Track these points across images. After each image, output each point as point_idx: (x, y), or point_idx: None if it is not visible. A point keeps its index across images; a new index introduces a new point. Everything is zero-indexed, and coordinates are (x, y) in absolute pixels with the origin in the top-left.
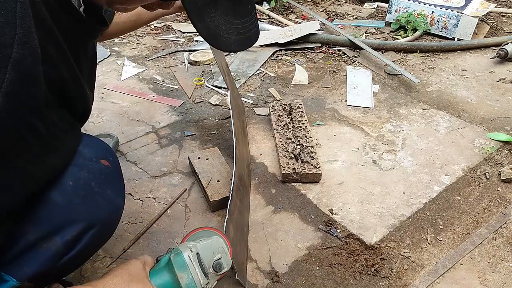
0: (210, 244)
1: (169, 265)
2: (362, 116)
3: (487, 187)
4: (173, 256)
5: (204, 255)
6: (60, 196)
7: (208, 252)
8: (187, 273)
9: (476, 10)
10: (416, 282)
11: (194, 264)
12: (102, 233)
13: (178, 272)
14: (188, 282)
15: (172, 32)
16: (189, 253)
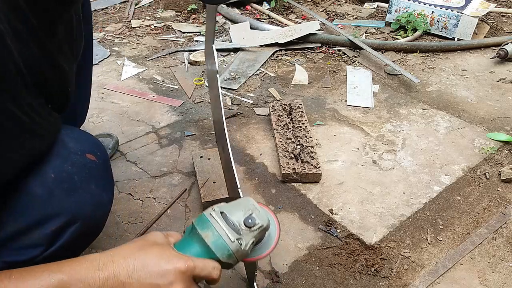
0: (238, 203)
1: (193, 230)
2: (362, 116)
3: (487, 187)
4: (195, 220)
5: (230, 213)
6: (41, 188)
7: (235, 210)
8: (212, 230)
9: (476, 10)
10: (416, 282)
11: (218, 220)
12: (86, 229)
13: (202, 231)
14: (215, 239)
15: (172, 32)
16: (211, 211)
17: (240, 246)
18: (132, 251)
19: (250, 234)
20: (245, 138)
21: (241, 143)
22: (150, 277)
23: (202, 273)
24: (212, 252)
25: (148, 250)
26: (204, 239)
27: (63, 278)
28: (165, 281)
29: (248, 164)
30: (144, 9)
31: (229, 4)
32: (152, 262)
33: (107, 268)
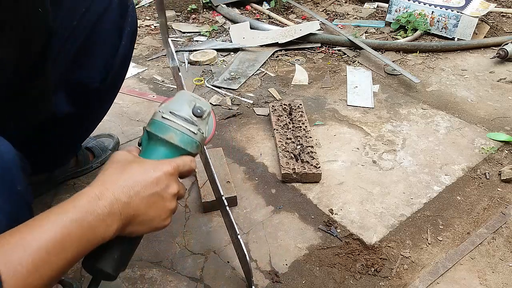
0: (177, 98)
1: (152, 137)
2: (362, 116)
3: (487, 187)
4: (149, 127)
5: (178, 110)
6: None
7: (180, 106)
8: (173, 131)
9: (476, 10)
10: (416, 282)
11: (174, 120)
12: None
13: (164, 135)
14: (180, 137)
15: (172, 32)
16: (162, 114)
17: (202, 134)
18: (117, 174)
19: (203, 122)
20: (245, 138)
21: (241, 143)
22: (147, 189)
23: (185, 168)
24: (182, 149)
25: (129, 169)
26: (170, 141)
27: (72, 216)
28: (162, 186)
29: (248, 164)
30: (144, 9)
31: (229, 4)
32: (141, 176)
33: (106, 196)
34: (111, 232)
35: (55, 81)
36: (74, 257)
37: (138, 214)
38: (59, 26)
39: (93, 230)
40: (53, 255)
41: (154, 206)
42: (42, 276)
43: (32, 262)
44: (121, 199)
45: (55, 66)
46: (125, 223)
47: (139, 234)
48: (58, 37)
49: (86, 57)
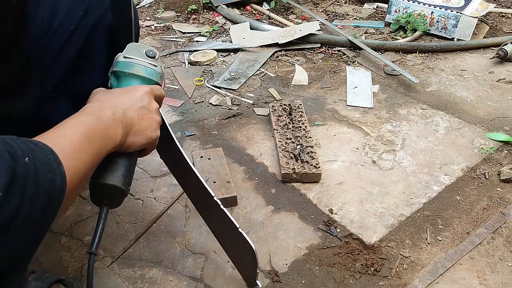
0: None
1: (120, 75)
2: (361, 116)
3: (486, 187)
4: (116, 67)
5: (133, 53)
6: None
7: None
8: (138, 66)
9: (476, 10)
10: (416, 281)
11: (134, 57)
12: None
13: (131, 70)
14: (145, 70)
15: (172, 33)
16: (123, 56)
17: (161, 68)
18: (106, 96)
19: (157, 62)
20: (245, 138)
21: (241, 143)
22: (135, 103)
23: (158, 92)
24: (149, 79)
25: (115, 92)
26: (137, 74)
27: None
28: (146, 102)
29: (248, 164)
30: (144, 10)
31: (229, 4)
32: (127, 96)
33: (107, 107)
34: (119, 135)
35: (53, 86)
36: (98, 151)
37: (134, 123)
38: (56, 30)
39: (107, 130)
40: (85, 144)
41: (144, 117)
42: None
43: (71, 144)
44: (118, 110)
45: (52, 71)
46: (126, 132)
47: (138, 145)
48: (56, 41)
49: (87, 61)
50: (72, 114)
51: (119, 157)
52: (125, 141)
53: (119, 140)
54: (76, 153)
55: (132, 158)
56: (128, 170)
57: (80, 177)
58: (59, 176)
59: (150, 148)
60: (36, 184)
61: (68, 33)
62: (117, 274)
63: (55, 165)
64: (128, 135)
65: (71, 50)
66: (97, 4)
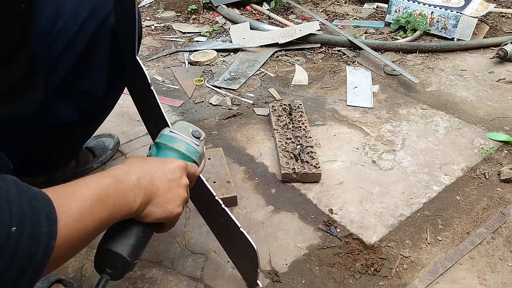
0: (179, 125)
1: (161, 147)
2: (361, 116)
3: (486, 187)
4: (159, 139)
5: (180, 130)
6: None
7: (181, 128)
8: (181, 142)
9: (476, 10)
10: (416, 281)
11: (180, 133)
12: None
13: (173, 145)
14: (186, 147)
15: (172, 33)
16: (169, 129)
17: (203, 148)
18: (140, 162)
19: (201, 142)
20: (245, 138)
21: (241, 143)
22: (166, 175)
23: (192, 169)
24: (188, 157)
25: (149, 160)
26: (178, 149)
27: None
28: (176, 176)
29: (248, 164)
30: (144, 10)
31: (229, 4)
32: (160, 165)
33: (134, 172)
34: (137, 203)
35: (56, 87)
36: (108, 218)
37: (158, 194)
38: (60, 31)
39: (125, 196)
40: (95, 209)
41: (171, 190)
42: (85, 225)
43: (79, 209)
44: (146, 177)
45: (55, 72)
46: (147, 200)
47: (156, 217)
48: (59, 42)
49: (90, 62)
50: (74, 115)
51: (134, 225)
52: (144, 210)
53: (136, 208)
54: (81, 220)
55: (147, 230)
56: (140, 241)
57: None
58: (43, 251)
59: (169, 224)
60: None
61: (72, 34)
62: None
63: (44, 239)
64: (148, 204)
65: (74, 51)
66: (102, 6)
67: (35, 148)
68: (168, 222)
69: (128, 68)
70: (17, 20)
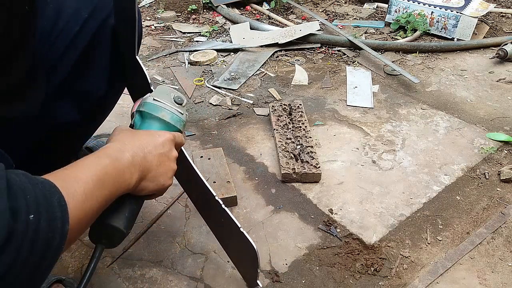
0: (158, 91)
1: (145, 116)
2: (361, 116)
3: (486, 187)
4: (143, 108)
5: (162, 97)
6: None
7: (163, 94)
8: (165, 111)
9: (476, 10)
10: (416, 281)
11: (163, 101)
12: None
13: (157, 114)
14: (170, 116)
15: (172, 33)
16: (151, 99)
17: (186, 116)
18: (129, 137)
19: (183, 108)
20: (245, 138)
21: (241, 143)
22: (156, 149)
23: (179, 140)
24: (173, 126)
25: (138, 134)
26: (163, 119)
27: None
28: (166, 149)
29: (248, 164)
30: (144, 10)
31: (229, 4)
32: (150, 139)
33: (128, 149)
34: (134, 180)
35: (56, 87)
36: (109, 196)
37: (151, 168)
38: (61, 32)
39: (122, 174)
40: (96, 188)
41: (162, 164)
42: (91, 206)
43: (84, 191)
44: (139, 153)
45: (56, 72)
46: (142, 176)
47: (149, 191)
48: (60, 42)
49: (91, 62)
50: (74, 115)
51: (128, 199)
52: (139, 185)
53: (133, 185)
54: (86, 201)
55: (140, 202)
56: (134, 213)
57: (83, 225)
58: (60, 235)
59: (158, 194)
60: (33, 243)
61: (72, 34)
62: (117, 274)
63: (59, 224)
64: (143, 179)
65: (75, 52)
66: (102, 6)
67: (35, 148)
68: (159, 193)
69: (128, 68)
70: (19, 21)
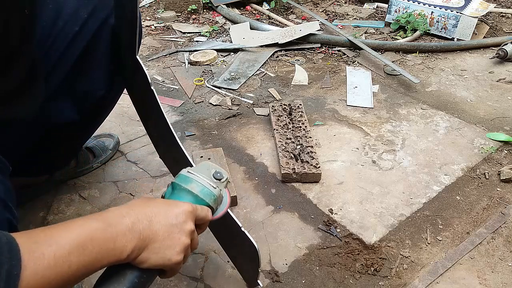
0: (201, 166)
1: (175, 187)
2: (361, 116)
3: (486, 187)
4: (176, 179)
5: (200, 170)
6: None
7: (202, 168)
8: (195, 183)
9: (476, 10)
10: (416, 281)
11: (196, 174)
12: None
13: (187, 185)
14: (201, 188)
15: (172, 33)
16: (187, 170)
17: (220, 191)
18: (143, 204)
19: (221, 185)
20: (245, 138)
21: (241, 143)
22: (167, 219)
23: (201, 213)
24: (201, 199)
25: (154, 202)
26: (192, 191)
27: (98, 224)
28: (179, 221)
29: (248, 164)
30: (144, 10)
31: (229, 4)
32: (163, 208)
33: (131, 215)
34: (129, 248)
35: (56, 87)
36: (91, 265)
37: (156, 239)
38: (60, 32)
39: (114, 241)
40: (73, 255)
41: (171, 236)
42: (58, 274)
43: (54, 257)
44: (143, 220)
45: (56, 73)
46: (142, 245)
47: (151, 264)
48: (59, 43)
49: (90, 62)
50: (74, 115)
51: (129, 270)
52: (138, 255)
53: (127, 254)
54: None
55: (144, 276)
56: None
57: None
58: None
59: (170, 272)
60: None
61: (72, 34)
62: None
63: None
64: (144, 249)
65: (75, 52)
66: (102, 6)
67: (35, 148)
68: (167, 269)
69: (128, 68)
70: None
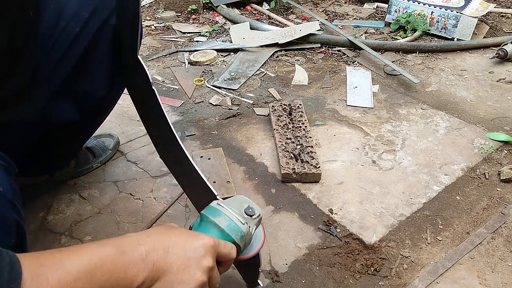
0: (234, 199)
1: (203, 219)
2: (361, 116)
3: (486, 187)
4: (204, 211)
5: (232, 204)
6: None
7: (234, 204)
8: (224, 216)
9: (476, 10)
10: (416, 281)
11: (226, 207)
12: None
13: (214, 218)
14: (228, 223)
15: (172, 33)
16: (217, 202)
17: (249, 228)
18: (163, 232)
19: (252, 221)
20: (245, 138)
21: (241, 143)
22: (185, 251)
23: (224, 250)
24: (227, 235)
25: (174, 231)
26: (218, 224)
27: (110, 251)
28: (198, 255)
29: (248, 164)
30: (144, 10)
31: (229, 4)
32: (183, 240)
33: (146, 243)
34: (139, 279)
35: (57, 87)
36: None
37: (169, 272)
38: (61, 33)
39: (125, 269)
40: (79, 282)
41: (186, 270)
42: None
43: (58, 282)
44: (159, 250)
45: (57, 73)
46: (155, 277)
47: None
48: (61, 43)
49: (91, 62)
50: (74, 115)
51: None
52: (149, 286)
53: (136, 285)
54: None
55: None
56: None
57: None
58: None
59: None
60: None
61: (73, 35)
62: None
63: None
64: (156, 281)
65: (76, 52)
66: (103, 6)
67: (36, 148)
68: None
69: (129, 68)
70: (25, 25)
